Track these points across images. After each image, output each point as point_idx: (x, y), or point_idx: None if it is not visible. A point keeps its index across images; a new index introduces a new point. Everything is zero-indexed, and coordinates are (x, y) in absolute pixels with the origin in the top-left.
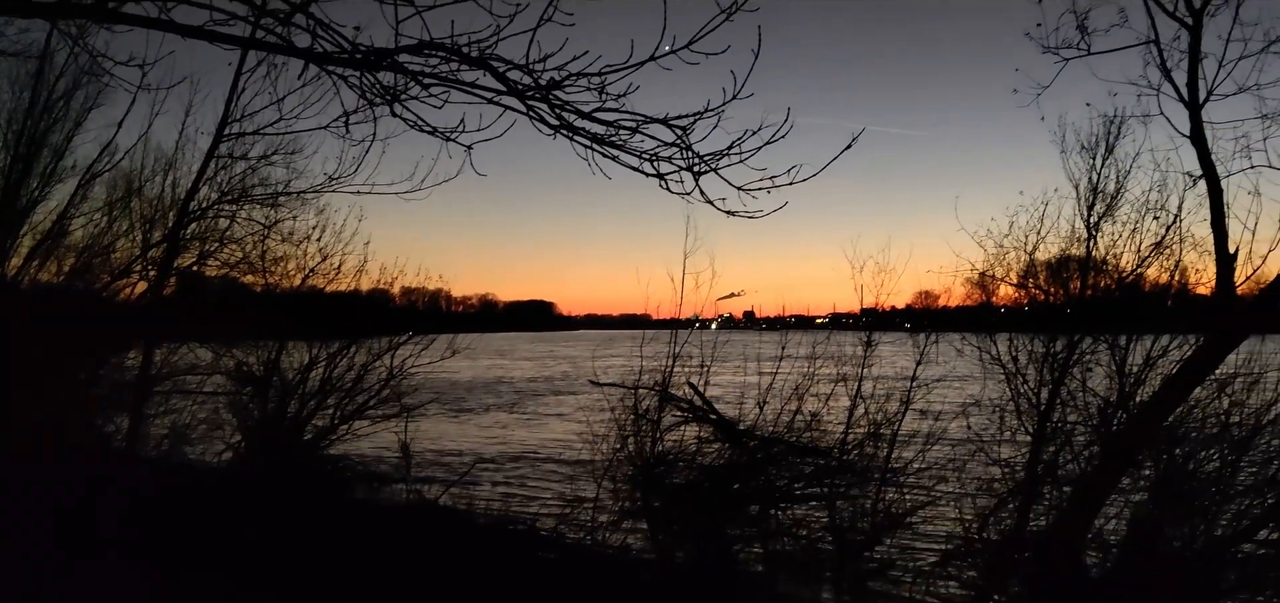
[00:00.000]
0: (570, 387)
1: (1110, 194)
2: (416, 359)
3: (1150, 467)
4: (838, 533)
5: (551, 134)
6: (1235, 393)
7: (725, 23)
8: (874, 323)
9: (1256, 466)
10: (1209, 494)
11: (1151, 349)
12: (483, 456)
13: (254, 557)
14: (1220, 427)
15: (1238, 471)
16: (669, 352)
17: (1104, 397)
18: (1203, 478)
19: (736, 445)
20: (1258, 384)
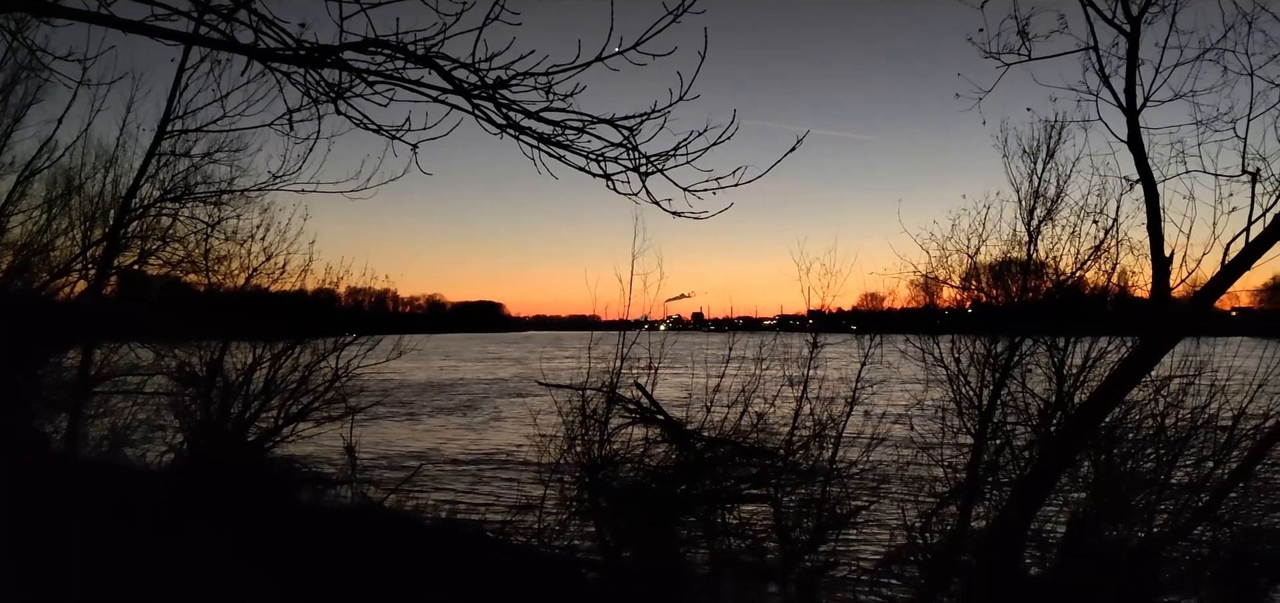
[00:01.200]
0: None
1: (1051, 198)
2: (362, 360)
3: (1089, 467)
4: (783, 533)
5: (498, 133)
6: (1171, 394)
7: (672, 24)
8: (820, 324)
9: (1191, 465)
10: (1145, 494)
11: (1090, 351)
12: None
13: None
14: (1156, 428)
15: (1173, 470)
16: (617, 353)
17: (1043, 398)
18: (1139, 478)
19: (683, 446)
20: (1193, 386)
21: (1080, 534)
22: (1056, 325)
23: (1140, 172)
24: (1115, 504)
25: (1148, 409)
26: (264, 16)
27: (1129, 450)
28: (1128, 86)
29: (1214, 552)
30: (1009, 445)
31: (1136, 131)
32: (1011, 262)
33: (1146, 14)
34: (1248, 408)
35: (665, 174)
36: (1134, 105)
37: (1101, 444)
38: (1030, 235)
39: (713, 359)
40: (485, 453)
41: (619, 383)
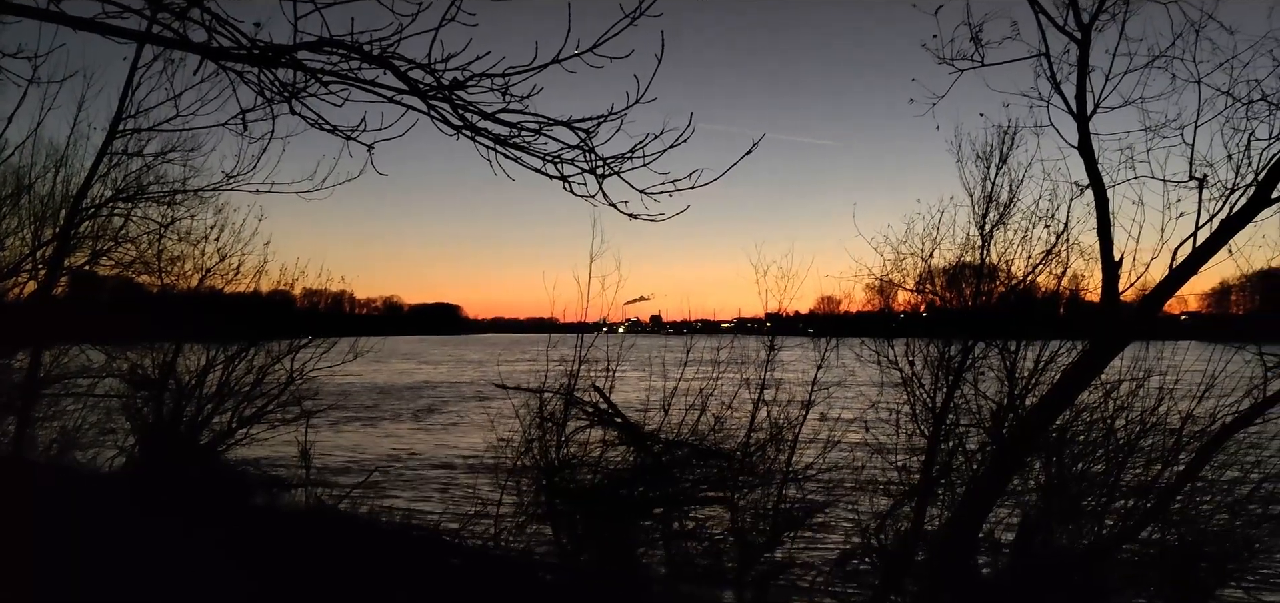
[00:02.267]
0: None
1: (1003, 203)
2: (318, 362)
3: (1040, 469)
4: (739, 534)
5: (454, 134)
6: (1120, 397)
7: (629, 27)
8: (778, 327)
9: (1140, 467)
10: (1095, 496)
11: (1041, 354)
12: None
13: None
14: (1106, 430)
15: (1123, 472)
16: (575, 355)
17: (996, 400)
18: (1089, 480)
19: (641, 449)
20: (1142, 389)
21: (1032, 536)
22: (1009, 329)
23: (1090, 177)
24: (1066, 506)
25: (1098, 412)
26: (218, 15)
27: (1079, 453)
28: (1078, 93)
29: (1163, 553)
30: (962, 448)
31: (1087, 137)
32: (965, 266)
33: (1097, 22)
34: (1195, 411)
35: (622, 176)
36: (1084, 111)
37: (1052, 446)
38: (983, 239)
39: (671, 362)
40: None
41: (577, 385)
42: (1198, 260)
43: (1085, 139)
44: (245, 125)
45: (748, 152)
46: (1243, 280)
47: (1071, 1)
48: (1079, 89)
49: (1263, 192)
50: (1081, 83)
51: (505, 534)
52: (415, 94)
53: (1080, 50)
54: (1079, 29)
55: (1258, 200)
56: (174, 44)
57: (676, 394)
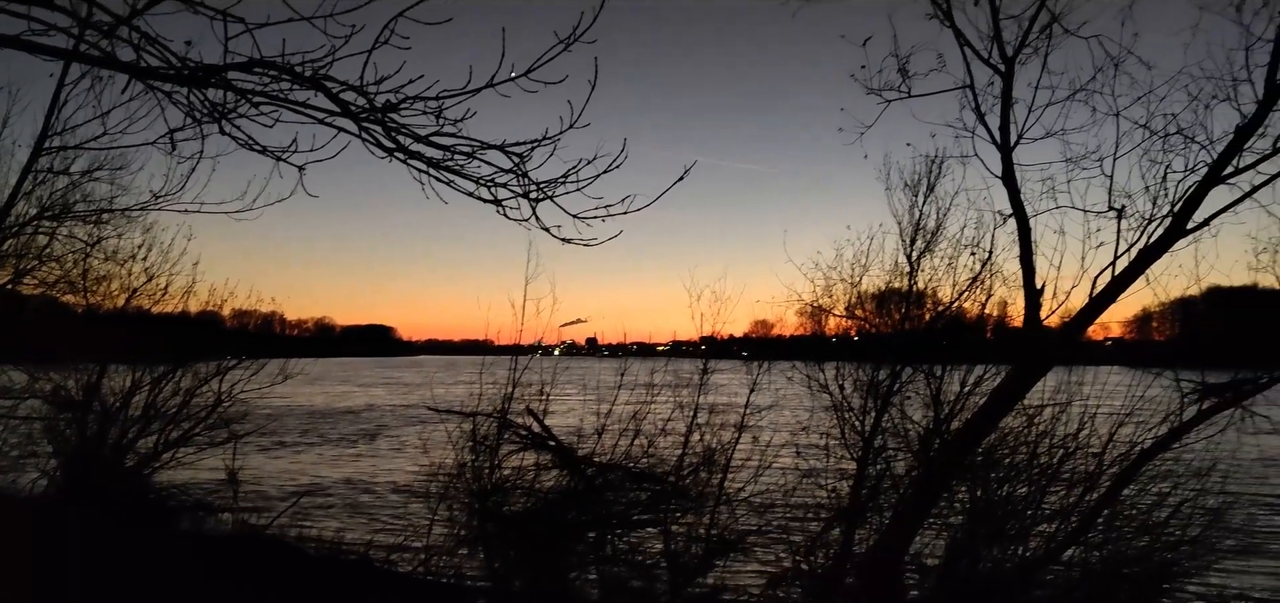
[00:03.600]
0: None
1: (931, 230)
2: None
3: (966, 492)
4: (672, 558)
5: (386, 157)
6: (1043, 422)
7: (563, 53)
8: (712, 351)
9: (1063, 491)
10: (1019, 519)
11: (965, 379)
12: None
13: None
14: (1029, 455)
15: (1046, 496)
16: (509, 378)
17: (922, 424)
18: (1013, 503)
19: (574, 473)
20: (1064, 414)
21: (958, 558)
22: (935, 354)
23: (1013, 206)
24: (991, 529)
25: (1022, 436)
26: (147, 34)
27: (1004, 476)
28: (1002, 124)
29: (1085, 575)
30: (890, 471)
31: (1010, 167)
32: (893, 291)
33: (1021, 55)
34: (1116, 436)
35: (555, 201)
36: (1008, 142)
37: (978, 470)
38: (911, 266)
39: (605, 385)
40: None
41: (511, 409)
42: (1116, 288)
43: (1009, 169)
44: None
45: (680, 178)
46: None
47: (996, 35)
48: (1003, 120)
49: (1179, 222)
50: (1005, 114)
51: (436, 560)
52: (347, 116)
53: (1004, 83)
54: (1003, 62)
55: (1174, 231)
56: (102, 63)
57: (611, 418)
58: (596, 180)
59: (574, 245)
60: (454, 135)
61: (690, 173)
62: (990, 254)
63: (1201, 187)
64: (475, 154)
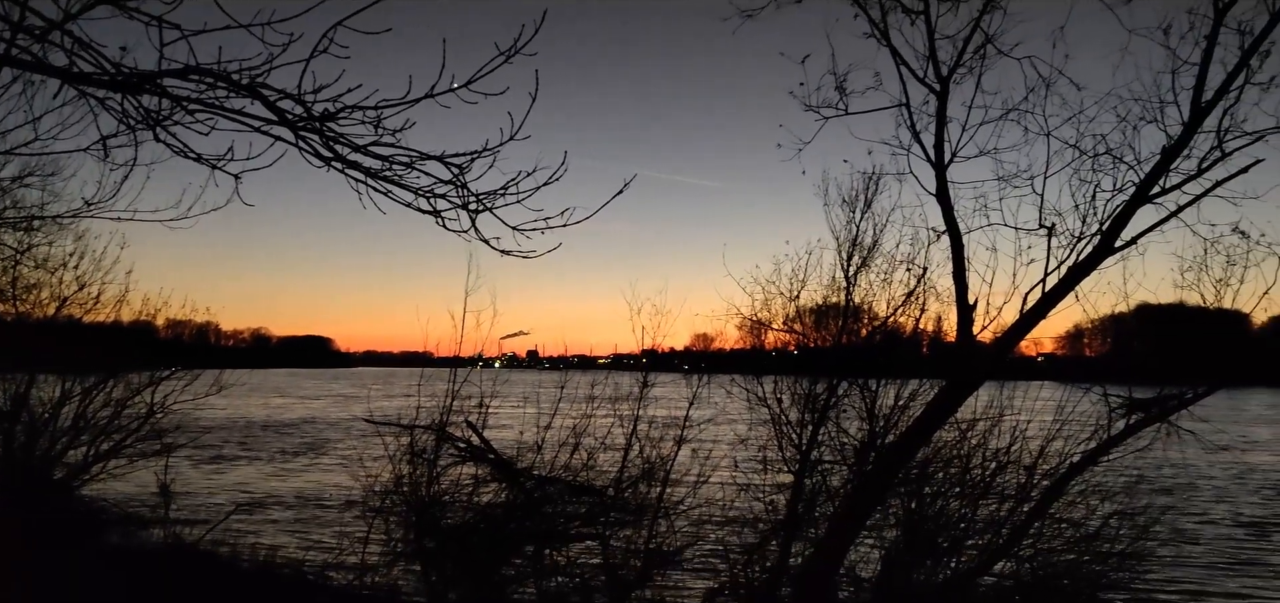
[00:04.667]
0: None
1: (867, 246)
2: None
3: (901, 505)
4: (611, 571)
5: (323, 166)
6: (976, 436)
7: (505, 64)
8: (653, 364)
9: (994, 503)
10: (951, 532)
11: (900, 393)
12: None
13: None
14: (962, 469)
15: (978, 509)
16: (448, 390)
17: (859, 438)
18: (946, 516)
19: (514, 485)
20: (996, 428)
21: (892, 571)
22: (871, 368)
23: (947, 223)
24: (924, 541)
25: (955, 450)
26: (80, 39)
27: (937, 490)
28: (937, 142)
29: (1017, 587)
30: (826, 484)
31: (944, 185)
32: (831, 306)
33: (955, 75)
34: (1047, 449)
35: (494, 213)
36: (942, 160)
37: (912, 484)
38: (848, 281)
39: (546, 398)
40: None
41: (449, 421)
42: (1047, 305)
43: (943, 186)
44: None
45: (620, 190)
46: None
47: (931, 54)
48: (937, 139)
49: (1107, 240)
50: (940, 133)
51: (372, 574)
52: (284, 125)
53: (939, 102)
54: (938, 81)
55: (1102, 249)
56: (33, 67)
57: (551, 431)
58: (536, 192)
59: (513, 257)
60: (392, 145)
61: (630, 186)
62: (925, 270)
63: (1129, 206)
64: (414, 164)
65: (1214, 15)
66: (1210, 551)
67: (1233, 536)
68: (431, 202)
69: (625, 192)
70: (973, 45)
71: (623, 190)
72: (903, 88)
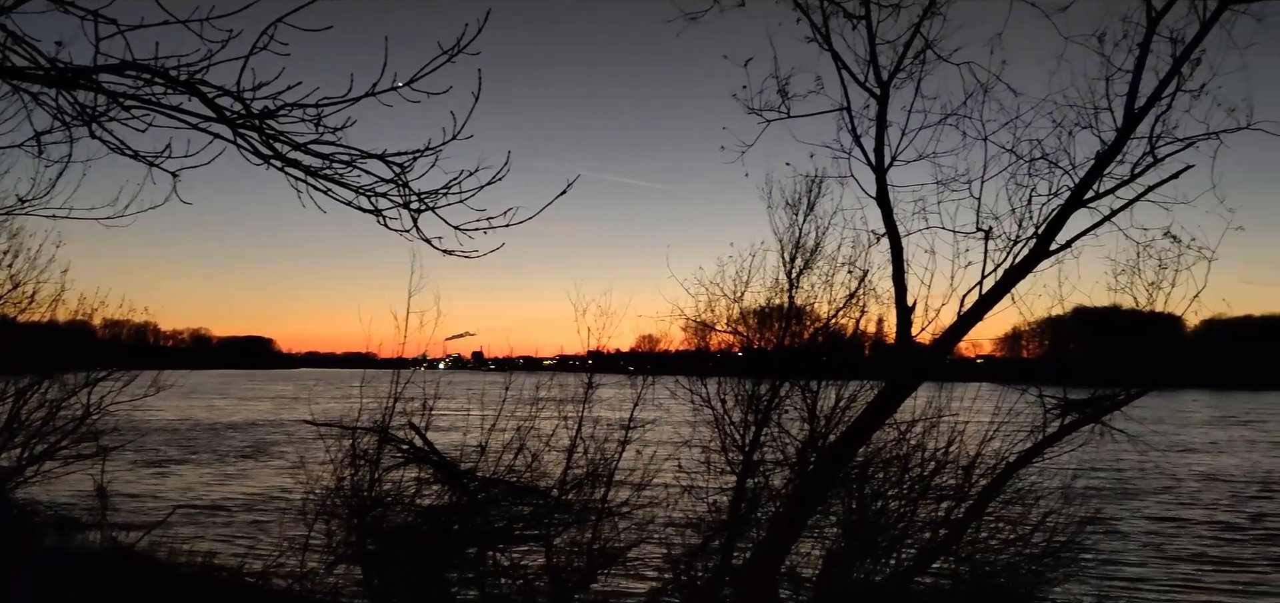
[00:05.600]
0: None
1: (810, 248)
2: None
3: (841, 505)
4: (554, 573)
5: (262, 164)
6: (915, 436)
7: (448, 63)
8: (598, 365)
9: (933, 502)
10: (892, 530)
11: (840, 394)
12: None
13: None
14: (901, 468)
15: (917, 508)
16: (391, 392)
17: (800, 438)
18: (887, 515)
19: (457, 487)
20: (936, 428)
21: (833, 570)
22: (812, 369)
23: (887, 225)
24: (864, 541)
25: (894, 450)
26: (14, 33)
27: (877, 490)
28: (877, 146)
29: (955, 585)
30: (768, 484)
31: (884, 188)
32: (774, 308)
33: (895, 79)
34: (984, 450)
35: (437, 212)
36: (882, 164)
37: (853, 484)
38: (791, 283)
39: (490, 399)
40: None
41: (392, 423)
42: (983, 307)
43: (883, 190)
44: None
45: (563, 191)
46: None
47: (872, 59)
48: (878, 142)
49: (1042, 244)
50: (880, 137)
51: (313, 577)
52: (223, 122)
53: (879, 106)
54: (878, 86)
55: (1038, 252)
56: None
57: (495, 432)
58: (480, 192)
59: (456, 257)
60: (333, 144)
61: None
62: (866, 272)
63: (1064, 210)
64: (355, 163)
65: (1147, 23)
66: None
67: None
68: (373, 201)
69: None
70: (912, 50)
71: (566, 191)
72: (844, 92)
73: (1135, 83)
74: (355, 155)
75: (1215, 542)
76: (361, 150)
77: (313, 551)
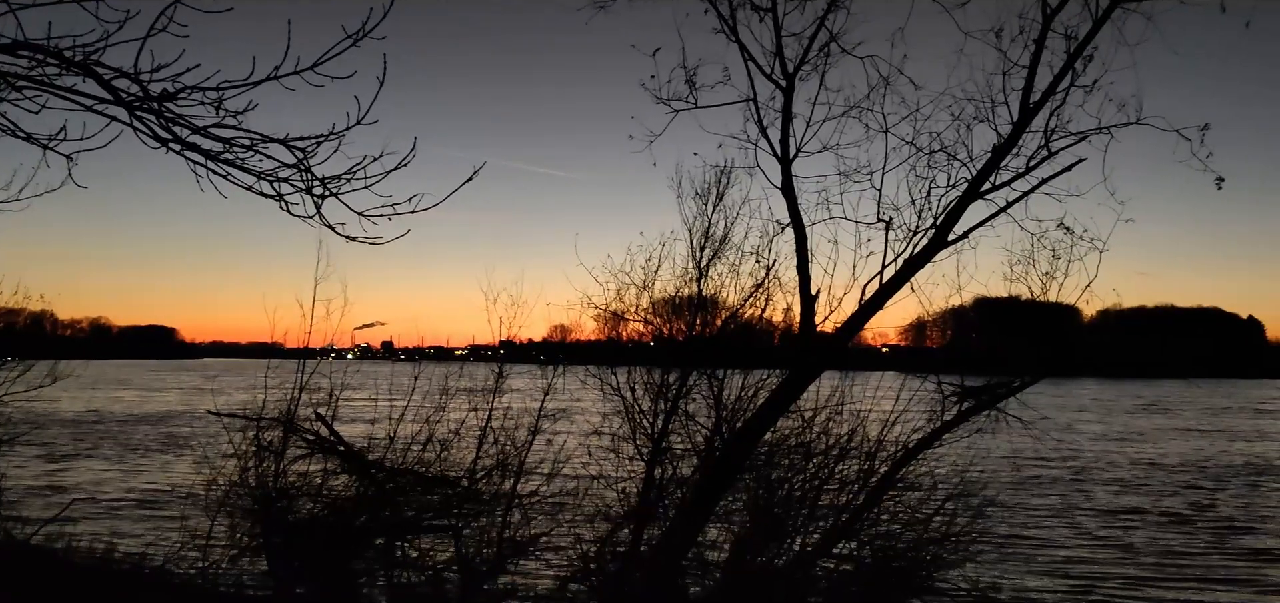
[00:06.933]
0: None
1: (719, 239)
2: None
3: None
4: (463, 562)
5: (160, 148)
6: (820, 424)
7: (352, 48)
8: (510, 354)
9: (836, 487)
10: (796, 515)
11: (746, 381)
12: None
13: None
14: (805, 455)
15: (821, 494)
16: (296, 382)
17: (708, 426)
18: (791, 501)
19: (364, 477)
20: (839, 416)
21: (740, 554)
22: (720, 357)
23: (792, 216)
24: (769, 526)
25: (799, 437)
26: None
27: (783, 476)
28: (783, 137)
29: (858, 567)
30: (677, 472)
31: (789, 179)
32: (684, 297)
33: (800, 72)
34: (886, 436)
35: (340, 198)
36: (788, 155)
37: (759, 470)
38: (700, 273)
39: (400, 389)
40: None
41: (298, 413)
42: (884, 296)
43: (788, 180)
44: None
45: (469, 178)
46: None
47: (778, 52)
48: (783, 134)
49: (941, 234)
50: (785, 128)
51: (216, 568)
52: (119, 104)
53: (785, 98)
54: (784, 78)
55: (936, 242)
56: None
57: (404, 422)
58: (385, 178)
59: (361, 244)
60: (234, 128)
61: (487, 176)
62: (773, 262)
63: (962, 201)
64: (256, 147)
65: (1042, 20)
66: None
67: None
68: (275, 186)
69: (480, 181)
70: (818, 43)
71: (472, 178)
72: (751, 83)
73: (1031, 78)
74: (256, 140)
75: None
76: (263, 135)
77: (216, 543)
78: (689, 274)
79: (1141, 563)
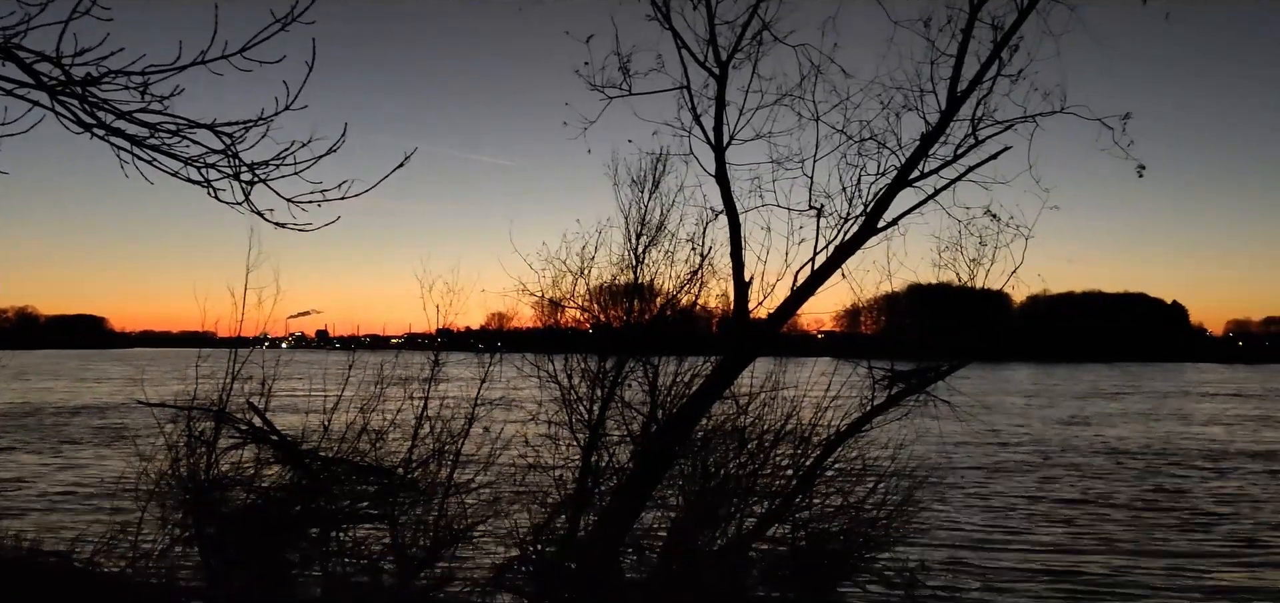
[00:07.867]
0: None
1: (654, 226)
2: None
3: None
4: (399, 552)
5: (83, 133)
6: (755, 409)
7: (280, 32)
8: (448, 343)
9: (769, 472)
10: (731, 500)
11: (680, 368)
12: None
13: None
14: (739, 440)
15: (756, 478)
16: (228, 371)
17: (643, 412)
18: (726, 485)
19: (298, 467)
20: (774, 401)
21: (678, 538)
22: (655, 344)
23: (725, 203)
24: (705, 510)
25: (734, 423)
26: None
27: (718, 461)
28: (717, 125)
29: (792, 551)
30: (614, 459)
31: (723, 167)
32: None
33: (734, 59)
34: (819, 421)
35: (269, 184)
36: (721, 142)
37: (695, 456)
38: (636, 260)
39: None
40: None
41: (230, 403)
42: (815, 282)
43: (721, 168)
44: None
45: (400, 164)
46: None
47: (712, 39)
48: (717, 121)
49: (871, 221)
50: (719, 116)
51: (146, 561)
52: (41, 89)
53: (718, 86)
54: (718, 65)
55: (867, 229)
56: None
57: (339, 411)
58: (315, 164)
59: (290, 230)
60: (160, 113)
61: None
62: (708, 249)
63: (891, 189)
64: (182, 132)
65: (969, 10)
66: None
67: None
68: (202, 172)
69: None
70: (750, 31)
71: (403, 164)
72: (684, 71)
73: (958, 67)
74: (183, 125)
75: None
76: (190, 120)
77: (146, 536)
78: (625, 261)
79: (1119, 551)
